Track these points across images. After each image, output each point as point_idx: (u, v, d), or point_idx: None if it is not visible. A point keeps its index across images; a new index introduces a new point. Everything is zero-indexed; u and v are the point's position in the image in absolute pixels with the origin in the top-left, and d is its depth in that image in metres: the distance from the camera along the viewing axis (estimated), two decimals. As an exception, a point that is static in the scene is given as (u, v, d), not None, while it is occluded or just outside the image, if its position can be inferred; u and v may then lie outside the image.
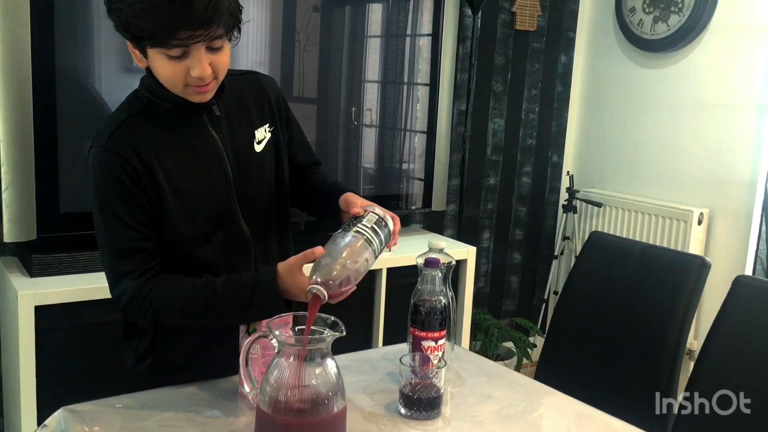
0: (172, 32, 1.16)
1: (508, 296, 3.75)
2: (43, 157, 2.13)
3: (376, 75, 2.88)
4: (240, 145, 1.41)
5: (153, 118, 1.33)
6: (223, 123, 1.39)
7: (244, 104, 1.43)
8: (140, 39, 1.21)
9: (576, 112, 3.78)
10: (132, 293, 1.30)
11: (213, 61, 1.24)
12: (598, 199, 3.47)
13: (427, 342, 1.44)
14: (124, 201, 1.29)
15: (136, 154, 1.29)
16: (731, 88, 3.06)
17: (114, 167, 1.28)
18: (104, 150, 1.29)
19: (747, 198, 3.02)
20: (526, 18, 3.46)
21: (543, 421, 1.43)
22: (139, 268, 1.30)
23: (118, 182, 1.28)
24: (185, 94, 1.29)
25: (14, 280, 2.12)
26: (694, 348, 3.04)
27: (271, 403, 1.10)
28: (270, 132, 1.46)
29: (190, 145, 1.35)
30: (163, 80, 1.27)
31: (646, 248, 2.00)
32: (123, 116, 1.33)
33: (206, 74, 1.23)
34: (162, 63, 1.23)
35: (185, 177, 1.34)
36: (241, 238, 1.42)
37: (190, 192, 1.34)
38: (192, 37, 1.17)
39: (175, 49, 1.19)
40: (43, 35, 2.10)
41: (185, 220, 1.35)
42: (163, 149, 1.32)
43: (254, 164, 1.43)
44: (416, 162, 3.06)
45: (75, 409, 1.30)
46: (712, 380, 1.65)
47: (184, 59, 1.21)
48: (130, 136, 1.30)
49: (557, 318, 2.10)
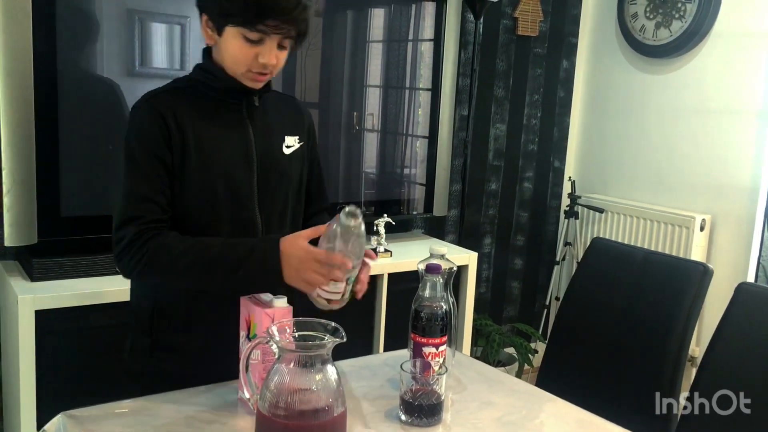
0: (263, 18, 1.30)
1: (510, 302, 3.74)
2: (44, 161, 2.14)
3: (377, 80, 2.88)
4: (269, 141, 1.49)
5: (196, 95, 1.44)
6: (258, 116, 1.48)
7: (281, 113, 1.55)
8: (228, 16, 1.32)
9: (578, 117, 3.78)
10: (132, 237, 1.33)
11: (277, 56, 1.37)
12: (600, 204, 3.47)
13: (428, 348, 1.43)
14: (149, 153, 1.37)
15: (173, 116, 1.38)
16: (733, 94, 3.06)
17: (149, 121, 1.37)
18: (146, 104, 1.40)
19: (749, 204, 3.01)
20: (528, 23, 3.46)
21: (544, 428, 1.42)
22: (146, 216, 1.35)
23: (148, 135, 1.37)
24: (243, 77, 1.39)
25: (15, 284, 2.11)
26: (696, 355, 3.03)
27: (272, 408, 1.10)
28: (299, 144, 1.55)
29: (224, 125, 1.44)
30: (230, 59, 1.38)
31: (648, 254, 1.99)
32: (170, 86, 1.46)
33: (272, 63, 1.36)
34: (236, 43, 1.35)
35: (212, 149, 1.41)
36: (252, 225, 1.46)
37: (214, 165, 1.41)
38: (276, 28, 1.32)
39: (256, 34, 1.33)
40: (45, 39, 2.10)
41: (203, 190, 1.40)
42: (198, 120, 1.41)
43: (279, 160, 1.50)
44: (418, 167, 3.06)
45: (74, 414, 1.29)
46: (714, 387, 1.64)
47: (258, 45, 1.34)
48: (173, 101, 1.40)
49: (559, 324, 2.09)
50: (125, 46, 2.29)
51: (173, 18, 2.36)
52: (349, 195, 2.88)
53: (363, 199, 2.92)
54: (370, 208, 2.91)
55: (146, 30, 2.33)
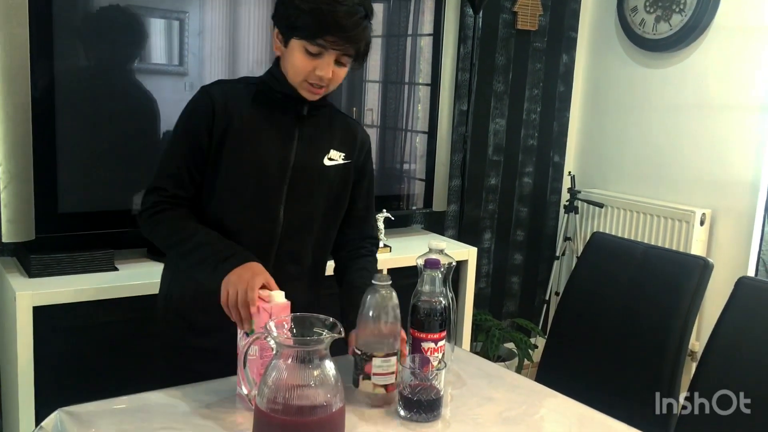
0: (324, 33, 1.40)
1: (509, 297, 3.74)
2: (42, 157, 2.13)
3: (377, 75, 2.87)
4: (311, 149, 1.55)
5: (258, 93, 1.53)
6: (308, 125, 1.55)
7: (333, 130, 1.60)
8: (294, 29, 1.42)
9: (577, 112, 3.77)
10: (149, 204, 1.48)
11: (334, 72, 1.45)
12: (600, 199, 3.46)
13: (427, 343, 1.43)
14: (189, 135, 1.49)
15: (225, 105, 1.48)
16: (734, 88, 3.05)
17: (200, 105, 1.49)
18: (205, 89, 1.51)
19: (749, 199, 3.00)
20: (527, 17, 3.45)
21: (544, 423, 1.42)
22: (168, 190, 1.48)
23: (194, 118, 1.49)
24: (300, 87, 1.48)
25: (13, 281, 2.11)
26: (696, 349, 3.03)
27: (270, 404, 1.09)
28: (344, 161, 1.59)
29: (273, 125, 1.52)
30: (291, 68, 1.46)
31: (648, 249, 1.98)
32: (238, 80, 1.60)
33: (327, 77, 1.44)
34: (298, 54, 1.43)
35: (253, 143, 1.49)
36: (274, 223, 1.51)
37: (250, 157, 1.49)
38: (334, 43, 1.41)
39: (316, 47, 1.41)
40: (41, 35, 2.09)
41: (235, 178, 1.48)
42: (249, 114, 1.50)
43: (317, 170, 1.55)
44: (417, 162, 3.05)
45: (72, 410, 1.29)
46: (714, 382, 1.64)
47: (317, 59, 1.43)
48: (232, 91, 1.52)
49: (558, 319, 2.09)
50: (124, 42, 2.28)
51: (172, 13, 2.35)
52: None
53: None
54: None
55: (145, 26, 2.32)
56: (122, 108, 2.31)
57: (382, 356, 1.36)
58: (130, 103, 2.33)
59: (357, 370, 1.38)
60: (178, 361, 1.56)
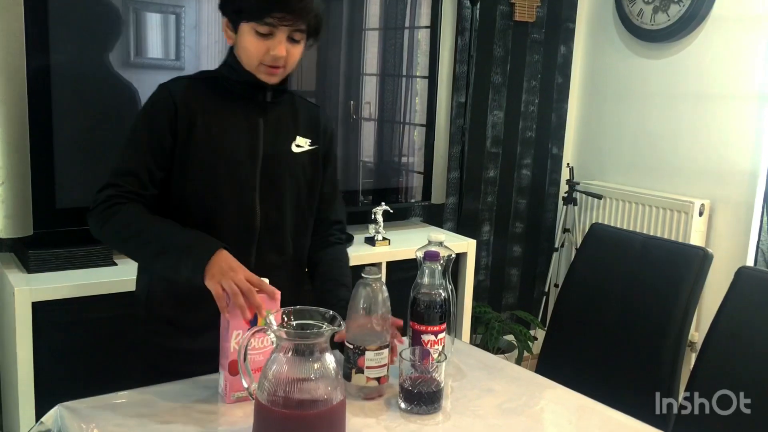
0: (270, 11, 1.38)
1: (509, 289, 3.74)
2: (39, 153, 2.12)
3: (374, 68, 2.86)
4: (278, 137, 1.54)
5: (217, 86, 1.51)
6: (271, 112, 1.53)
7: (297, 116, 1.58)
8: (241, 12, 1.41)
9: (576, 103, 3.77)
10: (103, 199, 1.42)
11: (288, 50, 1.44)
12: (599, 191, 3.46)
13: (427, 336, 1.43)
14: (151, 132, 1.45)
15: (186, 102, 1.45)
16: (732, 78, 3.05)
17: (160, 103, 1.46)
18: (164, 86, 1.48)
19: (748, 189, 3.00)
20: (525, 9, 3.44)
21: (544, 414, 1.42)
22: (124, 186, 1.42)
23: (155, 116, 1.45)
24: (258, 71, 1.46)
25: (11, 276, 2.11)
26: (695, 340, 3.03)
27: (270, 398, 1.09)
28: (311, 147, 1.58)
29: (236, 116, 1.50)
30: (245, 53, 1.45)
31: (647, 240, 1.98)
32: (195, 75, 1.55)
33: (281, 55, 1.42)
34: (249, 38, 1.42)
35: (220, 137, 1.47)
36: (253, 215, 1.50)
37: (219, 151, 1.47)
38: (283, 19, 1.39)
39: (265, 27, 1.40)
40: (37, 29, 2.09)
41: (207, 175, 1.46)
42: (212, 108, 1.48)
43: (287, 157, 1.54)
44: (415, 155, 3.04)
45: (72, 405, 1.29)
46: (714, 373, 1.64)
47: (268, 39, 1.42)
48: (189, 88, 1.49)
49: (558, 311, 2.09)
50: (120, 37, 2.27)
51: (168, 7, 2.34)
52: (347, 184, 2.87)
53: (361, 188, 2.91)
54: (368, 196, 2.90)
55: (141, 20, 2.31)
56: (119, 103, 2.30)
57: (375, 349, 1.36)
58: (126, 97, 2.32)
59: (349, 363, 1.38)
60: (167, 366, 1.48)
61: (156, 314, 1.54)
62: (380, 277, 1.38)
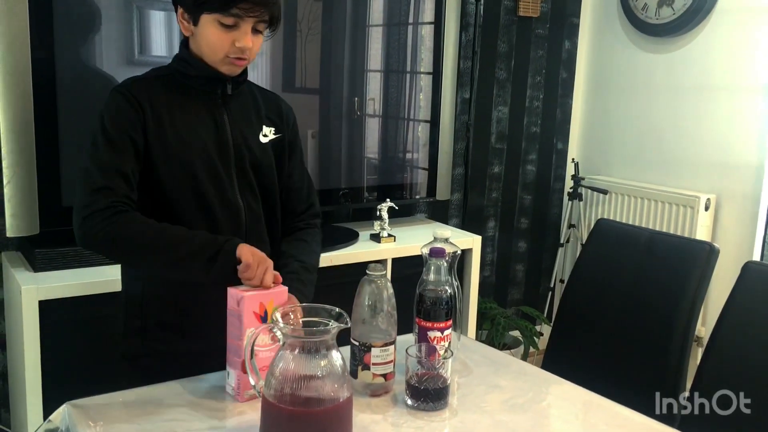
0: (236, 1, 1.36)
1: (514, 285, 3.74)
2: (45, 151, 2.12)
3: (378, 64, 2.86)
4: (245, 128, 1.52)
5: (173, 83, 1.47)
6: (234, 105, 1.51)
7: (258, 105, 1.57)
8: (203, 4, 1.37)
9: (581, 98, 3.76)
10: (102, 206, 1.32)
11: (253, 41, 1.41)
12: (604, 186, 3.45)
13: (433, 332, 1.43)
14: (123, 132, 1.38)
15: (150, 103, 1.41)
16: (737, 71, 3.03)
17: (123, 104, 1.40)
18: (119, 91, 1.42)
19: (754, 183, 2.99)
20: (529, 4, 3.43)
21: (551, 410, 1.42)
22: (118, 190, 1.34)
23: (123, 117, 1.39)
24: (220, 64, 1.43)
25: (18, 275, 2.11)
26: (702, 335, 3.02)
27: (277, 395, 1.09)
28: (275, 135, 1.57)
29: (199, 112, 1.47)
30: (208, 46, 1.41)
31: (653, 235, 1.98)
32: (149, 74, 1.49)
33: (248, 47, 1.40)
34: (213, 30, 1.39)
35: (190, 135, 1.44)
36: (237, 209, 1.49)
37: (193, 150, 1.44)
38: (249, 10, 1.37)
39: (231, 18, 1.37)
40: (42, 29, 2.09)
41: (185, 175, 1.43)
42: (175, 107, 1.44)
43: (255, 148, 1.53)
44: (420, 151, 3.04)
45: (80, 403, 1.29)
46: (721, 368, 1.63)
47: (233, 31, 1.39)
48: (148, 88, 1.44)
49: (564, 306, 2.09)
50: (124, 35, 2.27)
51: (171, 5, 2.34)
52: (351, 181, 2.87)
53: (365, 185, 2.91)
54: (373, 193, 2.90)
55: (145, 18, 2.31)
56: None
57: (381, 346, 1.36)
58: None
59: (355, 360, 1.38)
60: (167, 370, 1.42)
61: (153, 322, 1.49)
62: (385, 274, 1.38)
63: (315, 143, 2.74)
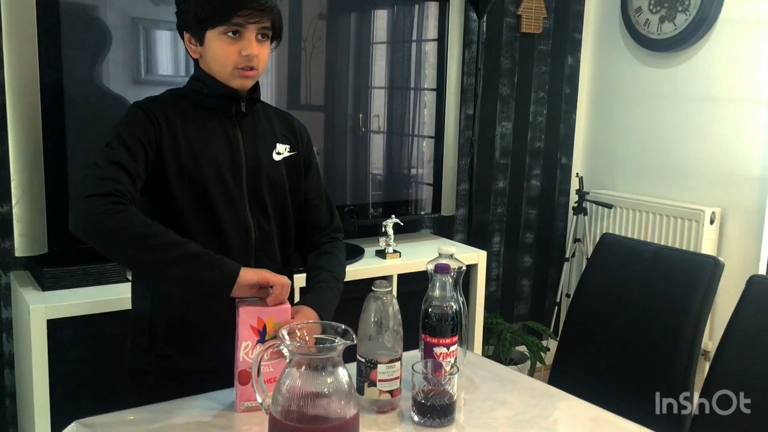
0: (237, 9, 1.39)
1: (520, 300, 3.73)
2: (53, 171, 2.14)
3: (382, 81, 2.88)
4: (258, 146, 1.54)
5: (189, 102, 1.50)
6: (248, 123, 1.53)
7: (273, 124, 1.60)
8: (206, 21, 1.41)
9: (584, 113, 3.77)
10: (107, 192, 1.30)
11: (258, 48, 1.44)
12: (609, 200, 3.45)
13: (439, 348, 1.43)
14: (136, 139, 1.39)
15: (166, 121, 1.44)
16: (740, 84, 3.04)
17: (141, 117, 1.43)
18: (138, 106, 1.45)
19: (759, 196, 2.99)
20: (531, 20, 3.45)
21: (558, 426, 1.42)
22: (124, 186, 1.33)
23: (140, 128, 1.41)
24: (230, 78, 1.45)
25: (26, 294, 2.13)
26: (709, 349, 3.01)
27: (284, 412, 1.10)
28: (290, 153, 1.59)
29: (214, 130, 1.49)
30: (216, 62, 1.45)
31: (658, 249, 1.98)
32: (165, 94, 1.53)
33: (254, 53, 1.43)
34: (219, 44, 1.43)
35: (204, 153, 1.46)
36: (247, 226, 1.50)
37: (207, 167, 1.45)
38: (250, 16, 1.40)
39: (233, 27, 1.41)
40: (50, 51, 2.11)
41: (199, 192, 1.45)
42: (190, 125, 1.47)
43: (269, 165, 1.54)
44: (425, 167, 3.05)
45: (88, 422, 1.30)
46: (728, 382, 1.63)
47: (238, 41, 1.42)
48: (165, 106, 1.47)
49: (570, 321, 2.08)
50: (131, 55, 2.30)
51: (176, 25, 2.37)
52: (356, 197, 2.88)
53: (371, 201, 2.92)
54: (378, 209, 2.91)
55: (151, 38, 2.34)
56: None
57: (387, 362, 1.37)
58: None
59: (361, 377, 1.38)
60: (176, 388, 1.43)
61: (161, 339, 1.50)
62: (390, 290, 1.39)
63: (320, 160, 2.76)
